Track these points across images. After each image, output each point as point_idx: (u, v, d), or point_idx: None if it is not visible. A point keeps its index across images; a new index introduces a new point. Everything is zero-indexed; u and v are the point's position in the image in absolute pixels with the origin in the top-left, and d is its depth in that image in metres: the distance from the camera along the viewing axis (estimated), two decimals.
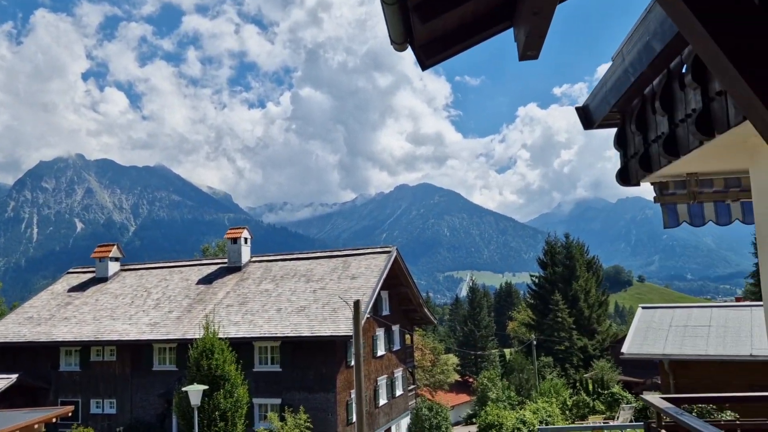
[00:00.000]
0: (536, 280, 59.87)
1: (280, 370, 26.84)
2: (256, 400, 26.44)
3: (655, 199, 5.47)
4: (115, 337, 28.60)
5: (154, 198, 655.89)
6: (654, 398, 5.72)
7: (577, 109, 6.10)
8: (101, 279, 34.52)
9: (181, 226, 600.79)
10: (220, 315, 27.82)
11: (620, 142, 5.65)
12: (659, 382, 24.06)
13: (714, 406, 13.27)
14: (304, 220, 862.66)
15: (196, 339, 19.79)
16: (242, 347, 26.12)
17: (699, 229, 5.13)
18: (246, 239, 33.31)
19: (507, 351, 56.72)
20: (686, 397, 8.14)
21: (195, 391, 16.07)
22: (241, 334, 26.54)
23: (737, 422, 5.43)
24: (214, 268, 33.29)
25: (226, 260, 33.38)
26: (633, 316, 24.99)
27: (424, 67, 5.49)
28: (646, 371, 36.72)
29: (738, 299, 44.19)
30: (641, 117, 5.04)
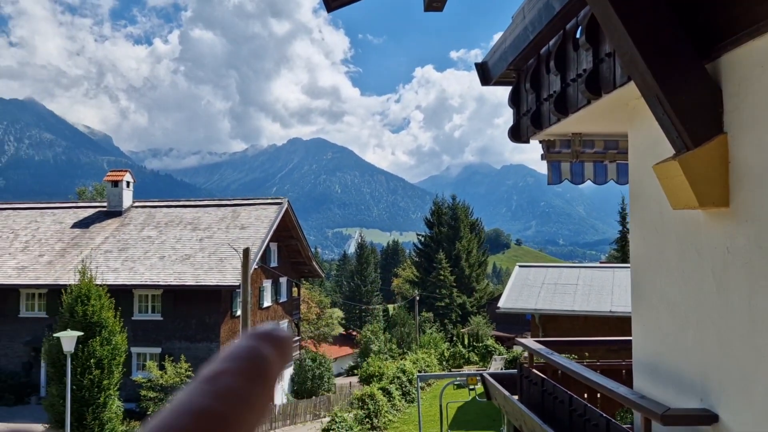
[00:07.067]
0: (422, 239, 61.98)
1: (161, 318, 26.09)
2: (134, 349, 25.61)
3: (542, 156, 5.81)
4: None
5: (22, 135, 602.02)
6: (529, 341, 6.24)
7: (477, 65, 6.27)
8: None
9: (54, 167, 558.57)
10: (97, 261, 26.41)
11: (514, 100, 5.88)
12: (528, 337, 25.91)
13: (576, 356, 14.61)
14: (190, 168, 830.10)
15: (70, 285, 18.72)
16: (121, 295, 25.02)
17: (572, 198, 5.53)
18: (128, 183, 31.62)
19: (390, 306, 58.54)
20: (554, 340, 8.98)
21: (68, 338, 15.29)
22: (120, 281, 25.43)
23: (597, 362, 6.06)
24: (91, 211, 31.36)
25: (105, 204, 31.55)
26: (509, 276, 26.65)
27: (329, 9, 5.43)
28: (518, 327, 39.58)
29: (602, 263, 47.89)
30: (536, 76, 5.27)
